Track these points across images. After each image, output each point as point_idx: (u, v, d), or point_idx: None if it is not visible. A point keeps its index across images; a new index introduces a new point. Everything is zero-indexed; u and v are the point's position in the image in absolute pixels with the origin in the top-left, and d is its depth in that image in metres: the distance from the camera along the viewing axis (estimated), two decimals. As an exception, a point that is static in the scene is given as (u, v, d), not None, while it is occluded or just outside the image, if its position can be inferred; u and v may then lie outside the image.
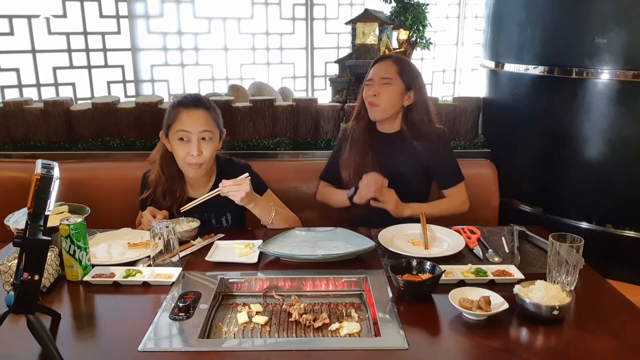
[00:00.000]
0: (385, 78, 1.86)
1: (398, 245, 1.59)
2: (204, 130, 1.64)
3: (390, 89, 1.86)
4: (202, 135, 1.64)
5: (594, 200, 2.14)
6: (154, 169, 1.78)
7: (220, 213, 1.82)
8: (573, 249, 1.27)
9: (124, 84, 4.27)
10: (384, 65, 1.90)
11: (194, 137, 1.63)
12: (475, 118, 2.58)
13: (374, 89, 1.87)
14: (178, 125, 1.63)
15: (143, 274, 1.38)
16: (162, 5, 4.26)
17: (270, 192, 1.88)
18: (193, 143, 1.62)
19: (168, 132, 1.69)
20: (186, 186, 1.80)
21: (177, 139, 1.64)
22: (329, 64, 5.00)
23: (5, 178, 2.21)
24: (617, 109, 2.01)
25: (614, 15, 1.94)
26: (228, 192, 1.59)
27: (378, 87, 1.87)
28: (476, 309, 1.15)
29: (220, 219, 1.82)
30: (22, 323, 1.04)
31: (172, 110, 1.68)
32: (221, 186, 1.59)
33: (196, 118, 1.64)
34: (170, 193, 1.75)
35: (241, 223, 1.88)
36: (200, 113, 1.65)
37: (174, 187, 1.75)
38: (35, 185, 1.03)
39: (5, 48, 3.67)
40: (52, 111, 2.49)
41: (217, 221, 1.82)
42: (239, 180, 1.60)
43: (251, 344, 1.14)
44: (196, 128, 1.62)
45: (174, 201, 1.74)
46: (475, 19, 5.48)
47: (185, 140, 1.64)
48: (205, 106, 1.69)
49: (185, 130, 1.62)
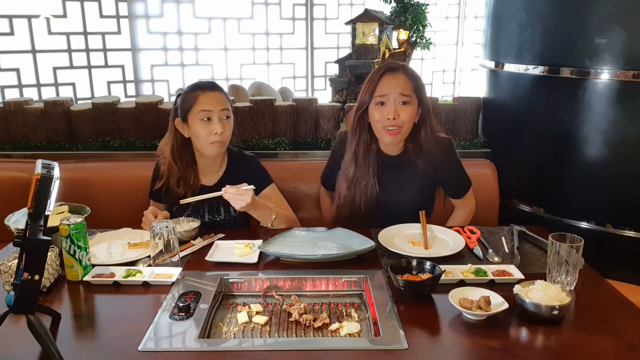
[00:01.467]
0: (405, 95, 1.62)
1: (398, 245, 1.59)
2: (224, 109, 1.70)
3: (409, 109, 1.63)
4: (222, 114, 1.70)
5: (594, 200, 2.14)
6: (166, 160, 1.81)
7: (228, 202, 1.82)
8: (573, 249, 1.27)
9: (124, 84, 4.27)
10: (400, 80, 1.63)
11: (215, 115, 1.68)
12: (475, 118, 2.58)
13: (393, 111, 1.61)
14: (199, 106, 1.68)
15: (143, 274, 1.38)
16: (162, 5, 4.26)
17: (274, 187, 1.89)
18: (215, 122, 1.68)
19: (187, 116, 1.71)
20: (198, 174, 1.83)
21: (199, 120, 1.68)
22: (329, 64, 5.00)
23: (5, 178, 2.21)
24: (617, 109, 2.01)
25: (614, 15, 1.95)
26: (229, 199, 1.61)
27: (397, 107, 1.62)
28: (476, 309, 1.15)
29: (229, 206, 1.81)
30: (22, 323, 1.04)
31: (190, 94, 1.72)
32: (224, 191, 1.61)
33: (216, 98, 1.70)
34: (184, 181, 1.79)
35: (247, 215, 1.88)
36: (217, 94, 1.72)
37: (187, 175, 1.78)
38: (36, 185, 1.04)
39: (6, 48, 3.67)
40: (52, 111, 2.50)
41: (225, 209, 1.83)
42: (242, 190, 1.61)
43: (251, 344, 1.14)
44: (217, 107, 1.69)
45: (188, 188, 1.77)
46: (475, 19, 5.48)
47: (207, 120, 1.68)
48: (220, 89, 1.77)
49: (207, 110, 1.67)
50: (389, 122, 1.64)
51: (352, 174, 1.76)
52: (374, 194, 1.77)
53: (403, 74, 1.67)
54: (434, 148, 1.76)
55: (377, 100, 1.65)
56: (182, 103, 1.74)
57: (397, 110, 1.63)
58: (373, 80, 1.66)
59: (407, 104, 1.64)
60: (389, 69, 1.68)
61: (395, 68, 1.69)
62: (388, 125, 1.65)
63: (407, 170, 1.78)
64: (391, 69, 1.68)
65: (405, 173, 1.79)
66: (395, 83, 1.64)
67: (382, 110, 1.64)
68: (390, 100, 1.63)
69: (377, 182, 1.76)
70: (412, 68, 1.77)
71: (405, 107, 1.64)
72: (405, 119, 1.64)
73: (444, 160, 1.80)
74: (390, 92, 1.63)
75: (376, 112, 1.65)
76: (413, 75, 1.69)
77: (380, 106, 1.65)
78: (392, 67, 1.69)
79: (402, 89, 1.63)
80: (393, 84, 1.64)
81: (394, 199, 1.79)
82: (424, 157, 1.76)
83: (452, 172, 1.86)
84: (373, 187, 1.76)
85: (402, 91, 1.63)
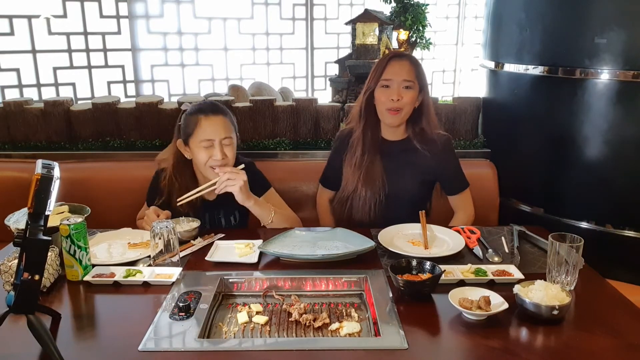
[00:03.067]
0: (408, 81, 1.75)
1: (398, 245, 1.59)
2: (225, 137, 1.70)
3: (411, 93, 1.77)
4: (224, 141, 1.70)
5: (594, 200, 2.14)
6: (166, 175, 1.79)
7: (229, 212, 1.85)
8: (573, 249, 1.27)
9: (124, 84, 4.27)
10: (404, 66, 1.77)
11: (217, 143, 1.68)
12: (475, 118, 2.58)
13: (396, 93, 1.75)
14: (200, 134, 1.68)
15: (143, 273, 1.38)
16: (162, 6, 4.26)
17: (273, 191, 1.90)
18: (217, 149, 1.68)
19: (188, 140, 1.72)
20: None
21: (200, 147, 1.69)
22: (329, 64, 5.00)
23: (5, 178, 2.21)
24: (617, 109, 2.01)
25: (614, 15, 1.95)
26: (227, 180, 1.62)
27: (400, 90, 1.75)
28: (476, 309, 1.15)
29: (229, 217, 1.85)
30: (22, 323, 1.04)
31: (191, 117, 1.71)
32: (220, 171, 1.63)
33: (217, 125, 1.69)
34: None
35: (246, 220, 1.90)
36: (219, 119, 1.71)
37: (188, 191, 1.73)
38: (36, 185, 1.04)
39: (6, 48, 3.67)
40: (52, 111, 2.50)
41: (225, 220, 1.85)
42: (236, 169, 1.64)
43: (251, 344, 1.14)
44: (218, 135, 1.68)
45: (190, 206, 1.73)
46: (475, 19, 5.48)
47: (209, 147, 1.69)
48: (223, 112, 1.74)
49: (209, 140, 1.67)
50: (392, 104, 1.76)
51: (359, 157, 1.84)
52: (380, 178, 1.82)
53: (407, 61, 1.80)
54: (434, 139, 1.85)
55: (383, 83, 1.78)
56: (184, 126, 1.74)
57: (400, 92, 1.76)
58: (380, 66, 1.80)
59: (409, 89, 1.77)
60: (395, 55, 1.84)
61: (401, 55, 1.85)
62: (390, 106, 1.77)
63: (410, 155, 1.85)
64: (397, 55, 1.84)
65: (407, 158, 1.85)
66: (400, 69, 1.77)
67: (387, 92, 1.77)
68: (394, 84, 1.76)
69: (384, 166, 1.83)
70: (416, 57, 1.88)
71: (408, 91, 1.77)
72: (407, 101, 1.77)
73: (443, 155, 1.88)
74: (394, 77, 1.76)
75: (382, 94, 1.78)
76: (416, 63, 1.82)
77: (385, 89, 1.78)
78: (398, 55, 1.87)
79: (406, 74, 1.77)
80: (397, 70, 1.77)
81: (396, 184, 1.83)
82: (424, 144, 1.84)
83: (450, 168, 1.92)
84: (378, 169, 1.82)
85: (405, 77, 1.76)
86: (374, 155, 1.83)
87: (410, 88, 1.76)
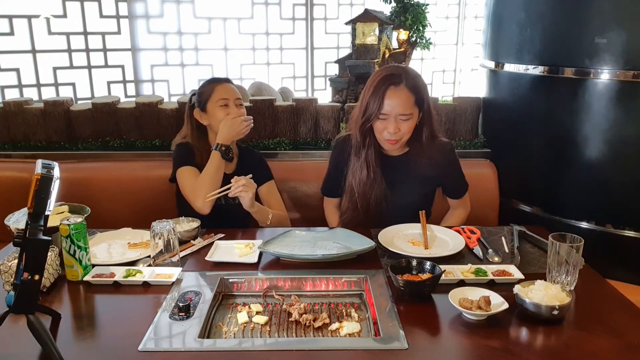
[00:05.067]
0: (405, 115, 1.68)
1: (398, 245, 1.59)
2: (237, 98, 1.97)
3: (410, 123, 1.70)
4: (237, 102, 1.96)
5: (594, 200, 2.14)
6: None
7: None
8: (573, 249, 1.27)
9: (124, 84, 4.26)
10: (401, 97, 1.66)
11: (231, 102, 1.94)
12: (475, 118, 2.58)
13: (393, 126, 1.68)
14: (217, 95, 1.93)
15: (143, 273, 1.38)
16: (162, 5, 4.25)
17: (273, 183, 2.06)
18: (232, 107, 1.94)
19: (206, 105, 1.94)
20: None
21: (218, 107, 1.92)
22: (329, 64, 5.00)
23: (5, 178, 2.21)
24: (617, 109, 2.01)
25: (614, 15, 1.94)
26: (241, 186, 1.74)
27: (398, 123, 1.69)
28: (476, 309, 1.15)
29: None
30: (22, 323, 1.04)
31: (207, 86, 1.97)
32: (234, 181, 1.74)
33: (230, 89, 1.97)
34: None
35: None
36: (231, 86, 1.99)
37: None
38: (36, 185, 1.04)
39: (5, 48, 3.66)
40: (52, 111, 2.49)
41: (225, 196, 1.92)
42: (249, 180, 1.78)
43: (251, 344, 1.14)
44: (232, 96, 1.96)
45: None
46: (475, 19, 5.47)
47: (225, 106, 1.93)
48: (231, 82, 2.04)
49: (224, 98, 1.93)
50: (390, 136, 1.72)
51: (365, 178, 1.80)
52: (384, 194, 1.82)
53: (405, 89, 1.68)
54: (435, 149, 1.82)
55: (380, 116, 1.70)
56: (199, 95, 1.97)
57: (398, 125, 1.70)
58: (377, 97, 1.67)
59: (407, 120, 1.70)
60: (392, 82, 1.68)
61: (398, 81, 1.68)
62: (388, 138, 1.73)
63: (410, 168, 1.83)
64: (394, 82, 1.67)
65: (409, 171, 1.83)
66: (397, 101, 1.67)
67: (384, 123, 1.71)
68: (391, 118, 1.69)
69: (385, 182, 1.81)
70: (414, 73, 1.75)
71: (406, 122, 1.70)
72: (406, 131, 1.72)
73: (446, 162, 1.88)
74: (391, 110, 1.67)
75: (379, 124, 1.72)
76: (414, 86, 1.69)
77: (382, 120, 1.70)
78: (395, 81, 1.68)
79: (402, 108, 1.67)
80: (394, 103, 1.67)
81: (400, 196, 1.82)
82: (425, 156, 1.81)
83: (452, 174, 1.93)
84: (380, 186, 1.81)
85: (403, 111, 1.67)
86: (376, 172, 1.80)
87: (408, 119, 1.69)
